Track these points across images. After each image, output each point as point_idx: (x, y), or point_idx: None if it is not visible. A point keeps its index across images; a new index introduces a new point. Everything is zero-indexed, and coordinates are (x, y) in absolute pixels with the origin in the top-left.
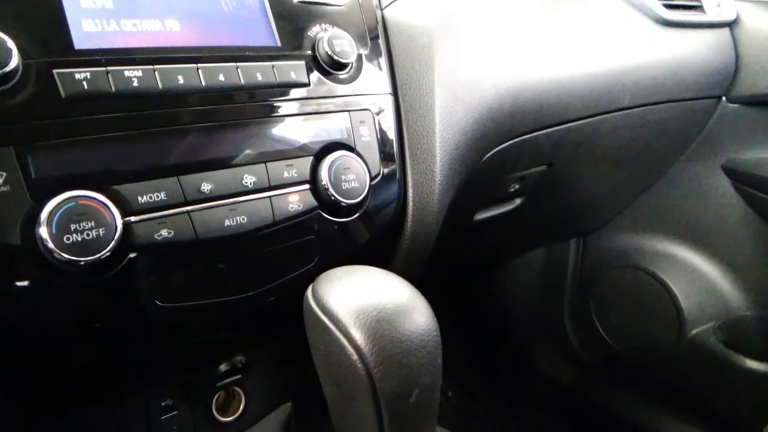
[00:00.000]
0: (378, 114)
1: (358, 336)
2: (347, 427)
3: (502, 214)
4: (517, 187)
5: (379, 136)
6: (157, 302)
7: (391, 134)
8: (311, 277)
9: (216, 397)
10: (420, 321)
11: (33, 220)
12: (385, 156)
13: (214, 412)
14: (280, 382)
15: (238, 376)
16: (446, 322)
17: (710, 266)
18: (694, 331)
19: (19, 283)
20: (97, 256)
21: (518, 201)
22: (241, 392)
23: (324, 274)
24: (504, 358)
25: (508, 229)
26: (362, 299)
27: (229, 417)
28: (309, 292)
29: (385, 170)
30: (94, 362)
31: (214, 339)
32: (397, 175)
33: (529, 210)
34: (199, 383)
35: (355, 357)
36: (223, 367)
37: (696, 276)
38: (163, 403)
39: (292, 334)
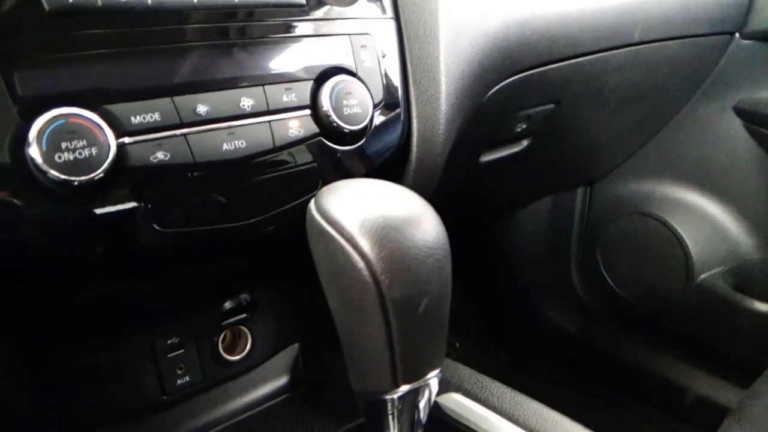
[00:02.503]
0: (380, 39)
1: (363, 243)
2: (355, 343)
3: (509, 156)
4: (524, 126)
5: (381, 61)
6: (156, 227)
7: (394, 60)
8: None
9: (222, 336)
10: (428, 229)
11: (22, 141)
12: (388, 82)
13: (221, 351)
14: (287, 323)
15: (244, 316)
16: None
17: (720, 210)
18: (702, 276)
19: (13, 208)
20: (91, 176)
21: (525, 143)
22: (247, 332)
23: (327, 186)
24: (511, 309)
25: (515, 174)
26: (368, 207)
27: (236, 356)
28: (312, 203)
29: (389, 97)
30: (99, 297)
31: (218, 274)
32: (401, 103)
33: (536, 152)
34: (204, 322)
35: (361, 265)
36: (228, 305)
37: (705, 220)
38: (169, 342)
39: (298, 274)
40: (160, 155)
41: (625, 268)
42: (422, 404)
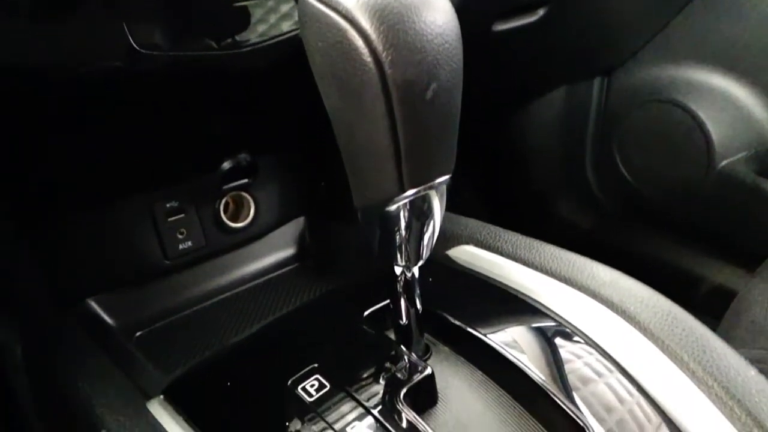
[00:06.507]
0: None
1: (361, 17)
2: (357, 143)
3: (524, 26)
4: None
5: None
6: (136, 47)
7: None
8: None
9: (225, 205)
10: (437, 6)
11: None
12: None
13: (223, 217)
14: (292, 192)
15: (246, 181)
16: (464, 171)
17: (745, 92)
18: (724, 162)
19: None
20: None
21: (541, 12)
22: (250, 199)
23: None
24: (523, 207)
25: (530, 50)
26: None
27: (239, 223)
28: None
29: None
30: (94, 149)
31: (217, 127)
32: None
33: (552, 25)
34: (204, 185)
35: (359, 42)
36: (227, 165)
37: (728, 104)
38: (168, 205)
39: (301, 143)
40: None
41: (642, 160)
42: (428, 234)
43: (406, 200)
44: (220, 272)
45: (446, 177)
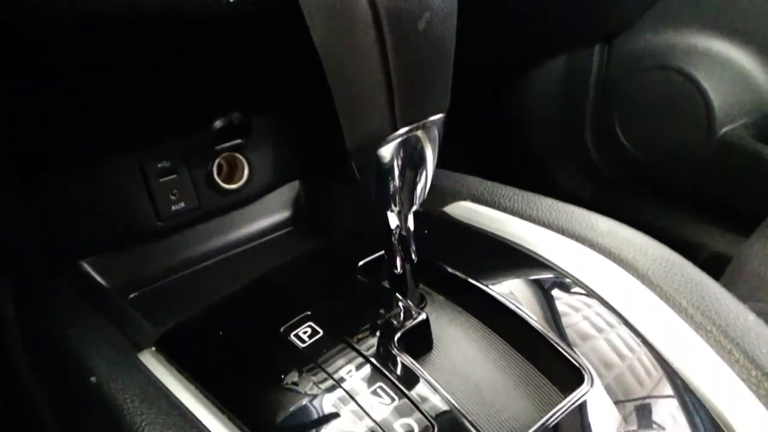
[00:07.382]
0: None
1: None
2: (347, 79)
3: None
4: None
5: None
6: None
7: None
8: None
9: (218, 165)
10: None
11: None
12: None
13: (216, 178)
14: (286, 154)
15: (239, 141)
16: (463, 139)
17: (747, 58)
18: (724, 129)
19: None
20: None
21: None
22: (243, 160)
23: None
24: (522, 174)
25: (529, 14)
26: None
27: (233, 184)
28: None
29: None
30: (82, 104)
31: (207, 81)
32: None
33: None
34: (196, 145)
35: None
36: (219, 124)
37: (730, 70)
38: (159, 165)
39: (294, 101)
40: None
41: (642, 127)
42: (422, 180)
43: (399, 139)
44: (214, 234)
45: (440, 115)
